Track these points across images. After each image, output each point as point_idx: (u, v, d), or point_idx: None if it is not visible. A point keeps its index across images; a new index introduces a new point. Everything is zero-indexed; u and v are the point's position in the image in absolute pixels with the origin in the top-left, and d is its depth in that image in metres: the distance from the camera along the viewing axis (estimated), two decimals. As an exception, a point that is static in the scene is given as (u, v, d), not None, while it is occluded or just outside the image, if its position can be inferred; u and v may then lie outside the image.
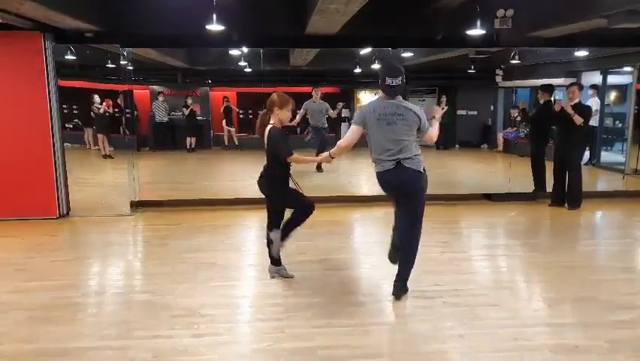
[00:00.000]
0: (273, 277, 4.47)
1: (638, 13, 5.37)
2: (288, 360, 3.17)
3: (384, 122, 3.82)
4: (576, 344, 3.35)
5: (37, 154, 6.52)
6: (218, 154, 12.99)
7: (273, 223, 4.37)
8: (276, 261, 4.47)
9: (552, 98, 7.72)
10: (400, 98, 3.90)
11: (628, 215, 7.01)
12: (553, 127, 7.46)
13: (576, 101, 6.88)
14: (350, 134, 3.96)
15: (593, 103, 9.43)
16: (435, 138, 4.13)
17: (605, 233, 6.59)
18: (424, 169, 3.93)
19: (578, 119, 6.70)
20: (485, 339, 3.41)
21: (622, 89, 10.58)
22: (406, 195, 3.99)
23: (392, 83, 3.82)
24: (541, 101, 7.68)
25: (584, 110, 6.86)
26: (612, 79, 10.45)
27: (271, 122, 4.21)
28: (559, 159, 7.18)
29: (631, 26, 5.70)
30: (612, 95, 10.88)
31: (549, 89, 7.72)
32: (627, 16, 5.43)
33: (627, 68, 9.72)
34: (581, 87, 7.13)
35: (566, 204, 7.14)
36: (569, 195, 7.15)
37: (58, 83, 6.63)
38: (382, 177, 3.93)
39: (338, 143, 4.05)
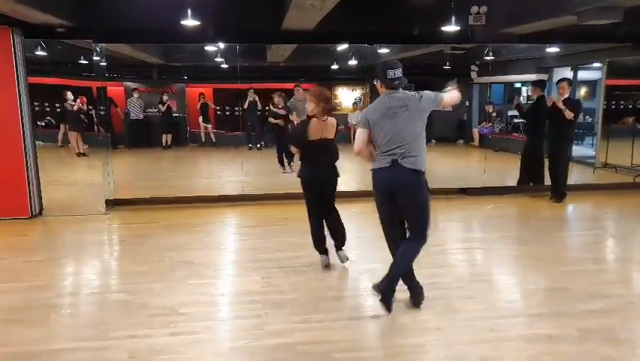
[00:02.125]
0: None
1: (606, 10, 5.51)
2: (268, 357, 3.17)
3: (388, 117, 3.65)
4: (549, 333, 3.43)
5: (8, 153, 6.35)
6: (195, 151, 12.87)
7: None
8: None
9: (545, 93, 7.86)
10: (401, 91, 3.77)
11: (598, 207, 7.21)
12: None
13: (566, 95, 7.06)
14: (358, 138, 3.76)
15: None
16: (456, 99, 3.94)
17: (576, 225, 6.75)
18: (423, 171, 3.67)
19: (569, 114, 6.88)
20: (462, 331, 3.47)
21: (592, 84, 10.84)
22: (400, 199, 3.66)
23: (394, 75, 3.73)
24: (534, 97, 7.85)
25: (574, 104, 7.05)
26: (582, 75, 10.70)
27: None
28: (554, 153, 7.35)
29: (599, 23, 5.83)
30: (582, 91, 11.13)
31: (541, 84, 7.96)
32: (596, 13, 5.57)
33: (596, 64, 9.96)
34: (570, 82, 7.32)
35: (551, 197, 7.33)
36: (553, 186, 7.34)
37: (29, 79, 6.47)
38: (376, 175, 3.73)
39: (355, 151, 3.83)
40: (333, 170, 4.54)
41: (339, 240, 4.68)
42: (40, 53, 7.48)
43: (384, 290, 3.61)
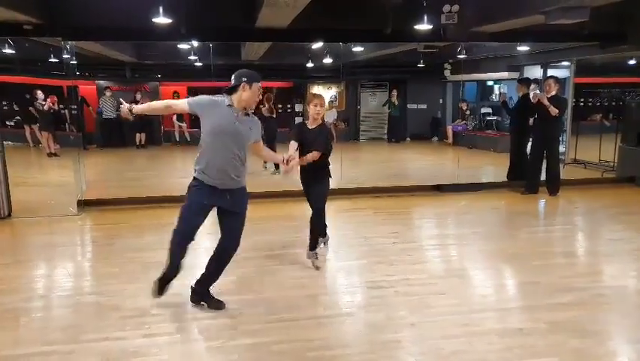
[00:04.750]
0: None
1: (572, 10, 5.64)
2: (243, 356, 3.16)
3: None
4: (520, 326, 3.51)
5: (-27, 153, 6.18)
6: (169, 150, 12.72)
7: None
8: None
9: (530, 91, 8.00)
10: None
11: (567, 202, 7.38)
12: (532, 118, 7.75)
13: (553, 93, 7.23)
14: None
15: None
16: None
17: (547, 220, 6.90)
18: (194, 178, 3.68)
19: (553, 110, 7.07)
20: (436, 326, 3.52)
21: (561, 82, 11.09)
22: None
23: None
24: (520, 94, 8.03)
25: (560, 102, 7.23)
26: (552, 73, 10.93)
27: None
28: (538, 149, 7.53)
29: (566, 22, 5.97)
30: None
31: (527, 82, 8.14)
32: (562, 13, 5.70)
33: (565, 63, 10.19)
34: (557, 80, 7.48)
35: (548, 191, 7.53)
36: (550, 182, 7.54)
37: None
38: None
39: None
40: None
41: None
42: (7, 51, 7.29)
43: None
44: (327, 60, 10.29)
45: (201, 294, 3.81)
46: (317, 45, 8.83)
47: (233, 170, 3.56)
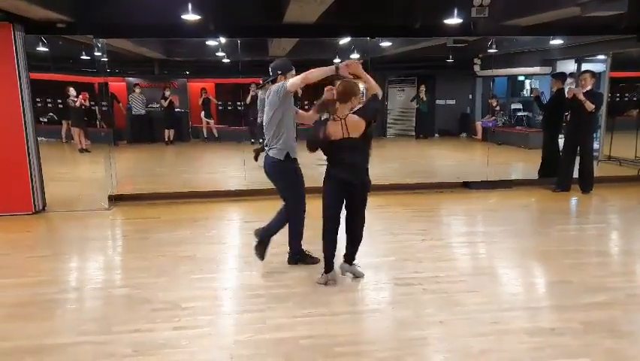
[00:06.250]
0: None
1: (610, 1, 5.46)
2: (270, 351, 3.18)
3: (261, 106, 4.35)
4: (552, 326, 3.43)
5: (11, 149, 6.36)
6: (197, 146, 12.87)
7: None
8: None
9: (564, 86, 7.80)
10: (275, 84, 4.19)
11: (601, 200, 7.18)
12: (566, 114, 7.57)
13: (588, 88, 7.05)
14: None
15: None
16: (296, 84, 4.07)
17: (579, 218, 6.72)
18: (288, 157, 4.25)
19: (589, 106, 6.88)
20: (464, 324, 3.47)
21: (596, 77, 10.76)
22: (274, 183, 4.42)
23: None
24: (554, 89, 7.85)
25: (595, 97, 7.03)
26: (587, 67, 10.62)
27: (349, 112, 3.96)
28: (571, 145, 7.35)
29: (603, 14, 5.79)
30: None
31: (561, 76, 7.95)
32: (599, 5, 5.53)
33: (601, 57, 9.88)
34: (593, 75, 7.27)
35: (580, 189, 7.37)
36: (583, 179, 7.37)
37: (30, 75, 6.46)
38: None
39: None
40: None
41: (351, 252, 4.31)
42: (41, 48, 7.47)
43: (262, 237, 4.46)
44: (355, 55, 10.22)
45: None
46: (344, 40, 8.79)
47: None
